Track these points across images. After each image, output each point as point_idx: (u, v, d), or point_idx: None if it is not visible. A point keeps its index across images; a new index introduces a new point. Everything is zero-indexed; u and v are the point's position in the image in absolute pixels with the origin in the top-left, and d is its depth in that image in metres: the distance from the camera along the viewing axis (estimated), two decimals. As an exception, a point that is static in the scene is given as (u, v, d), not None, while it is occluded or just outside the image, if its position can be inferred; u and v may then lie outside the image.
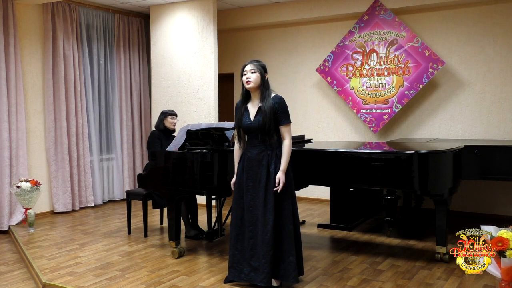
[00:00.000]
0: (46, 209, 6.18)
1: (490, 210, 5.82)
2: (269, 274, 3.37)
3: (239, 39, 7.57)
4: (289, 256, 3.42)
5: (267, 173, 3.42)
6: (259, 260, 3.41)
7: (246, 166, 3.50)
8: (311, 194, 6.94)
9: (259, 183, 3.44)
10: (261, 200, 3.41)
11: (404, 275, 3.79)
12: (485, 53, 5.81)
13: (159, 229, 5.43)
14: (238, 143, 3.60)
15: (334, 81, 6.56)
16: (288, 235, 3.43)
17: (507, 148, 4.60)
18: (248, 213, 3.47)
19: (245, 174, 3.50)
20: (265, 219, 3.39)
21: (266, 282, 3.37)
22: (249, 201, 3.47)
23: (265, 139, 3.44)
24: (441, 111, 6.10)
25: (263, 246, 3.38)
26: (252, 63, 3.47)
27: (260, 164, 3.44)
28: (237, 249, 3.53)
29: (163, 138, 4.96)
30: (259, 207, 3.42)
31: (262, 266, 3.38)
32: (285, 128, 3.46)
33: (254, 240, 3.44)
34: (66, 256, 4.42)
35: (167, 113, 5.03)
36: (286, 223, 3.43)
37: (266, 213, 3.39)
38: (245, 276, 3.49)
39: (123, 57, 7.04)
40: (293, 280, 3.43)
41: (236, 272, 3.54)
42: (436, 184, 3.93)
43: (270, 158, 3.44)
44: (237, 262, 3.53)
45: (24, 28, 5.91)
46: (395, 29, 6.10)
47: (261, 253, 3.39)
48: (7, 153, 5.55)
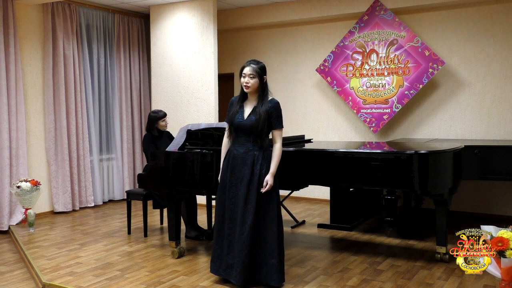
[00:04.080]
0: (46, 209, 6.18)
1: (490, 210, 5.82)
2: (241, 273, 3.39)
3: (239, 39, 7.57)
4: (272, 259, 3.42)
5: (251, 173, 3.43)
6: (233, 258, 3.44)
7: (231, 164, 3.51)
8: (311, 194, 6.94)
9: (241, 182, 3.45)
10: (241, 199, 3.42)
11: (404, 275, 3.79)
12: (485, 53, 5.81)
13: (159, 229, 5.43)
14: (228, 137, 3.59)
15: (334, 81, 6.56)
16: (272, 237, 3.42)
17: (507, 148, 4.59)
18: (228, 210, 3.49)
19: (229, 172, 3.51)
20: (244, 218, 3.40)
21: (237, 281, 3.40)
22: (231, 198, 3.49)
23: (256, 140, 3.44)
24: (441, 111, 6.10)
25: (238, 245, 3.41)
26: (251, 65, 3.44)
27: (245, 163, 3.45)
28: (218, 244, 3.58)
29: (156, 140, 4.94)
30: (239, 206, 3.43)
31: (236, 264, 3.41)
32: (277, 132, 3.48)
33: (232, 238, 3.47)
34: (66, 256, 4.42)
35: (156, 117, 4.91)
36: (271, 225, 3.43)
37: (245, 213, 3.40)
38: (222, 271, 3.55)
39: (123, 57, 7.04)
40: (274, 282, 3.42)
41: (215, 266, 3.61)
42: (436, 184, 3.93)
43: (256, 158, 3.44)
44: (217, 257, 3.59)
45: (24, 28, 5.91)
46: (395, 29, 6.10)
47: (236, 251, 3.42)
48: (7, 153, 5.55)
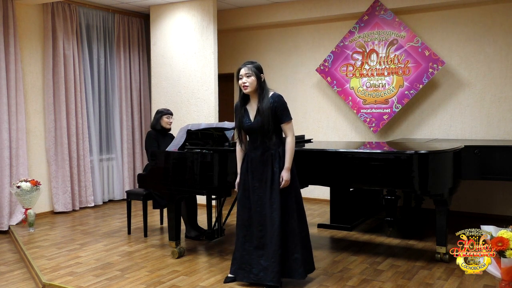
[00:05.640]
0: (46, 209, 6.18)
1: (490, 210, 5.82)
2: (278, 273, 3.38)
3: (239, 39, 7.57)
4: (294, 254, 3.43)
5: (272, 173, 3.43)
6: (268, 260, 3.41)
7: (251, 167, 3.50)
8: (311, 194, 6.94)
9: (265, 183, 3.44)
10: (267, 199, 3.42)
11: (404, 275, 3.79)
12: (485, 53, 5.81)
13: (159, 229, 5.43)
14: (239, 144, 3.60)
15: (334, 81, 6.55)
16: (292, 232, 3.43)
17: (507, 148, 4.59)
18: (256, 213, 3.47)
19: (250, 175, 3.50)
20: (272, 218, 3.39)
21: (276, 281, 3.38)
22: (257, 201, 3.47)
23: (264, 139, 3.44)
24: (441, 111, 6.10)
25: (272, 245, 3.39)
26: (246, 66, 3.44)
27: (265, 164, 3.44)
28: (245, 250, 3.53)
29: (159, 137, 4.94)
30: (266, 207, 3.43)
31: (272, 265, 3.38)
32: (286, 125, 3.45)
33: (264, 240, 3.45)
34: (66, 256, 4.42)
35: (162, 112, 4.99)
36: (290, 220, 3.44)
37: (272, 212, 3.40)
38: (254, 277, 3.48)
39: (123, 57, 7.04)
40: (299, 276, 3.44)
41: (245, 273, 3.53)
42: (436, 184, 3.92)
43: (273, 157, 3.44)
44: (246, 263, 3.52)
45: (24, 28, 5.91)
46: (395, 29, 6.10)
47: (270, 252, 3.40)
48: (7, 153, 5.55)
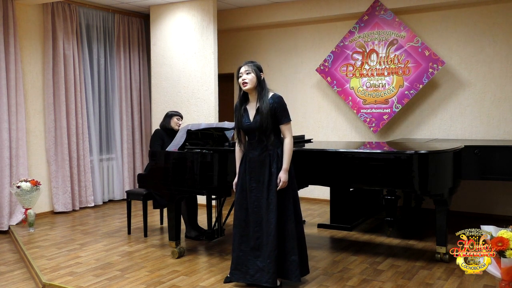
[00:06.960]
0: (46, 209, 6.18)
1: (490, 210, 5.82)
2: (274, 274, 3.38)
3: (239, 39, 7.57)
4: (291, 256, 3.43)
5: (269, 173, 3.43)
6: (264, 261, 3.41)
7: (249, 167, 3.50)
8: (311, 194, 6.94)
9: (262, 184, 3.44)
10: (264, 200, 3.42)
11: (404, 275, 3.79)
12: (485, 53, 5.81)
13: (159, 229, 5.43)
14: (239, 144, 3.60)
15: (334, 81, 6.55)
16: (290, 234, 3.43)
17: (507, 148, 4.59)
18: (253, 214, 3.47)
19: (247, 175, 3.50)
20: (268, 219, 3.39)
21: (271, 283, 3.38)
22: (253, 201, 3.47)
23: (262, 139, 3.44)
24: (441, 111, 6.10)
25: (268, 246, 3.39)
26: (246, 64, 3.46)
27: (263, 164, 3.44)
28: (242, 250, 3.52)
29: (165, 137, 4.99)
30: (263, 208, 3.43)
31: (268, 266, 3.38)
32: (285, 126, 3.45)
33: (260, 241, 3.45)
34: (66, 256, 4.42)
35: (173, 114, 5.11)
36: (288, 222, 3.44)
37: (269, 214, 3.39)
38: (250, 277, 3.48)
39: (123, 57, 7.04)
40: (295, 279, 3.44)
41: (241, 273, 3.53)
42: (436, 184, 3.92)
43: (271, 158, 3.44)
44: (242, 264, 3.52)
45: (24, 28, 5.91)
46: (395, 29, 6.10)
47: (266, 253, 3.40)
48: (7, 153, 5.55)
